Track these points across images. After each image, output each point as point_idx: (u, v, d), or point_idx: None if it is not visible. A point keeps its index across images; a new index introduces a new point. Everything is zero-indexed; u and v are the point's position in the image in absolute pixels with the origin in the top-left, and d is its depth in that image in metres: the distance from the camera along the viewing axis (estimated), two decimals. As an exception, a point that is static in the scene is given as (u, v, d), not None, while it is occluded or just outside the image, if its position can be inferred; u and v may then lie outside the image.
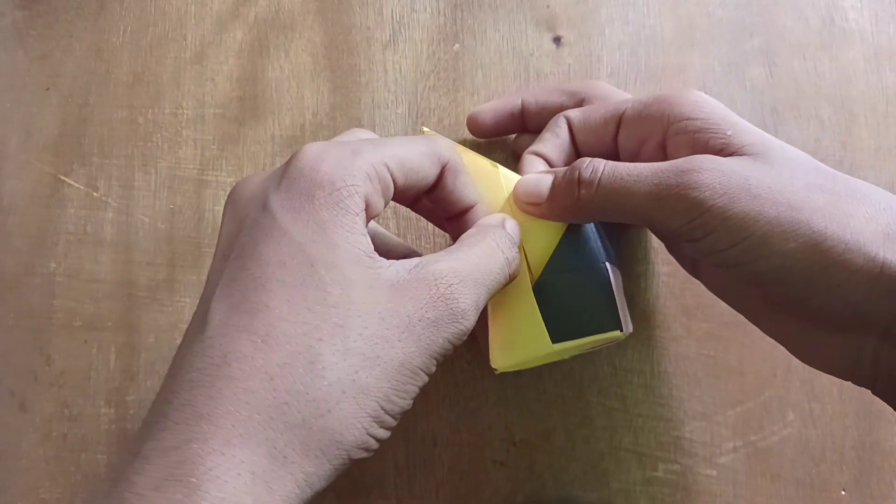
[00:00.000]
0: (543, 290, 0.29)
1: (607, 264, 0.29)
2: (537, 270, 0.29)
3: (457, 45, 0.39)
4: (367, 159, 0.24)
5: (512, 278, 0.27)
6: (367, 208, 0.24)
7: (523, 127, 0.36)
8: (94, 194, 0.38)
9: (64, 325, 0.36)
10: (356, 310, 0.22)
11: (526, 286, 0.29)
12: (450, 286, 0.24)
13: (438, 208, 0.29)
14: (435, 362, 0.24)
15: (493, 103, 0.36)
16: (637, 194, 0.26)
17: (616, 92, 0.33)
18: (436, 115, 0.38)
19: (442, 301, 0.23)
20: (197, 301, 0.37)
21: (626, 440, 0.34)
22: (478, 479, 0.34)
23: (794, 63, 0.38)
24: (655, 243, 0.36)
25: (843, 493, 0.34)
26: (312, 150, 0.24)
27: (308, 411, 0.21)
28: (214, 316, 0.22)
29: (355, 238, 0.23)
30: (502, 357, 0.29)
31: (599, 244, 0.29)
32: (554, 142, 0.32)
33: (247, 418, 0.20)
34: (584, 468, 0.34)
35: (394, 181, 0.25)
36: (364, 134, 0.29)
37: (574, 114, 0.32)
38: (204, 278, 0.37)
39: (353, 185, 0.23)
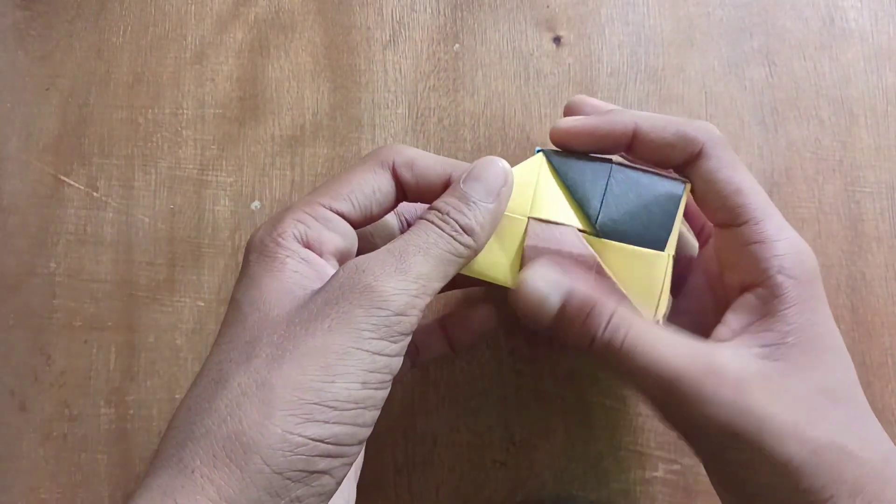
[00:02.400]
0: (607, 228, 0.27)
1: (612, 162, 0.28)
2: (584, 221, 0.28)
3: (457, 45, 0.39)
4: (292, 212, 0.26)
5: (475, 247, 0.26)
6: (315, 247, 0.26)
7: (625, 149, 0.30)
8: (94, 194, 0.38)
9: (64, 325, 0.36)
10: (268, 323, 0.23)
11: (594, 244, 0.27)
12: (357, 268, 0.24)
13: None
14: (371, 336, 0.23)
15: (590, 120, 0.29)
16: (654, 375, 0.25)
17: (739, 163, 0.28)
18: (436, 115, 0.38)
19: (348, 280, 0.23)
20: (196, 300, 0.37)
21: (626, 440, 0.34)
22: (478, 479, 0.34)
23: (794, 63, 0.38)
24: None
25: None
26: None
27: (211, 421, 0.22)
28: None
29: (284, 276, 0.25)
30: (656, 307, 0.27)
31: (595, 160, 0.28)
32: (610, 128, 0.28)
33: (168, 447, 0.22)
34: (584, 468, 0.34)
35: (341, 214, 0.26)
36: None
37: (645, 125, 0.28)
38: (204, 278, 0.37)
39: (276, 238, 0.25)
